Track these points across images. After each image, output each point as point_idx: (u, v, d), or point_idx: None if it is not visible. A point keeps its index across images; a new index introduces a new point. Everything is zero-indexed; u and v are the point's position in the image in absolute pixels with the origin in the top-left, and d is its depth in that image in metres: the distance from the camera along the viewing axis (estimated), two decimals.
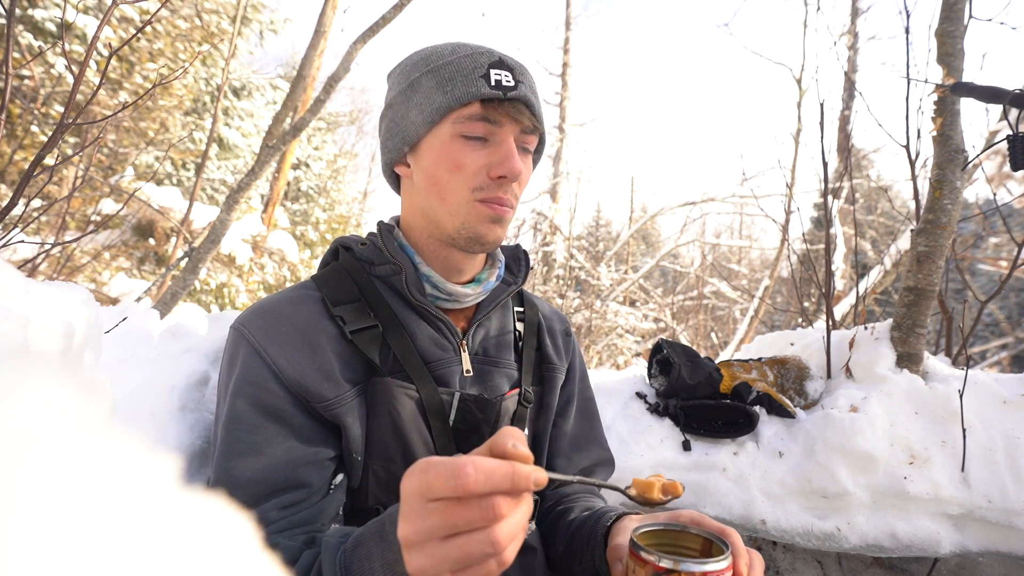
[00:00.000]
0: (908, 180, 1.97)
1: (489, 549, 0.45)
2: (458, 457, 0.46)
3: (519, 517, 0.48)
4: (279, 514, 0.68)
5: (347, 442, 0.74)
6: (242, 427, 0.71)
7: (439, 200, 0.78)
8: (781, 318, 7.20)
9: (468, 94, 0.74)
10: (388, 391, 0.76)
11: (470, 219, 0.77)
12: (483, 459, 0.46)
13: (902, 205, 9.02)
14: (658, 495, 0.55)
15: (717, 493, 1.36)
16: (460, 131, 0.75)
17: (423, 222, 0.82)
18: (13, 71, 3.10)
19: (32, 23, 5.59)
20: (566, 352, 0.99)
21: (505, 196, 0.77)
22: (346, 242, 0.87)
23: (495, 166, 0.75)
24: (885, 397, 1.43)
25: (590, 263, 8.06)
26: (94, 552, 0.16)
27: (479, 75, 0.75)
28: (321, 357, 0.74)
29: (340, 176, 15.63)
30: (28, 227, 2.13)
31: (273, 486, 0.69)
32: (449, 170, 0.76)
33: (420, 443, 0.77)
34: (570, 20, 12.64)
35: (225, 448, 0.71)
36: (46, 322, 0.48)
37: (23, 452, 0.16)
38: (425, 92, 0.77)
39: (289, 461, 0.70)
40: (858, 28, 7.58)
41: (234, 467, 0.69)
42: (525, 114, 0.77)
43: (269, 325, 0.75)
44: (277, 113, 3.28)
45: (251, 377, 0.73)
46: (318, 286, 0.82)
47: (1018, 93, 1.00)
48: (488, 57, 0.77)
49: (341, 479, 0.75)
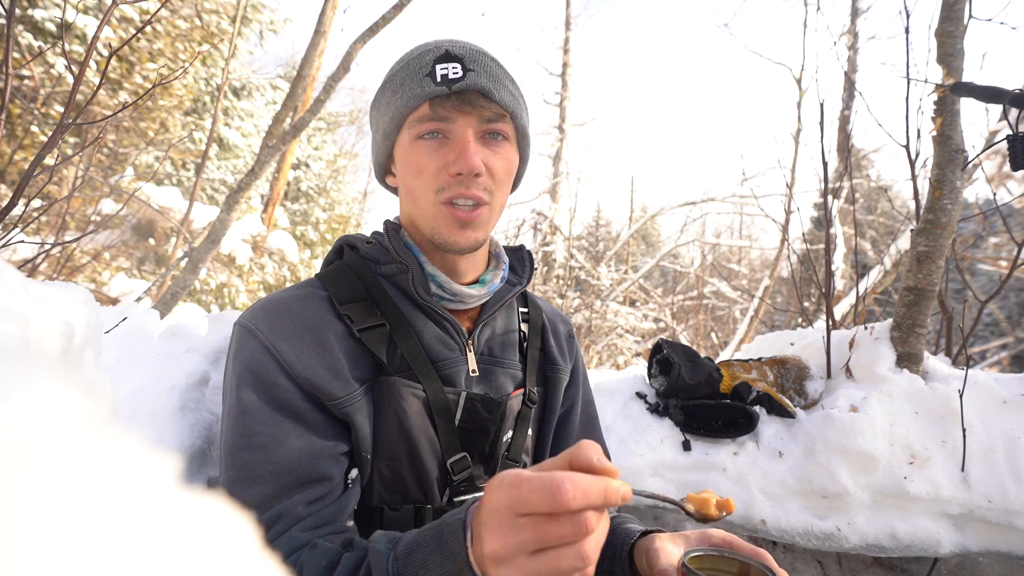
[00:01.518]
0: (908, 180, 1.97)
1: (579, 563, 0.46)
2: (553, 473, 0.46)
3: (603, 530, 0.48)
4: (307, 509, 0.67)
5: (356, 440, 0.74)
6: (256, 420, 0.70)
7: (413, 206, 0.79)
8: (781, 318, 7.20)
9: (415, 96, 0.74)
10: (395, 390, 0.75)
11: (437, 224, 0.77)
12: (579, 476, 0.46)
13: (902, 205, 9.01)
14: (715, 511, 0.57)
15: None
16: (415, 134, 0.76)
17: (412, 228, 0.84)
18: (13, 71, 3.10)
19: (32, 23, 5.59)
20: (569, 354, 0.99)
21: (469, 191, 0.75)
22: (351, 240, 0.87)
23: (452, 164, 0.75)
24: (885, 397, 1.43)
25: (590, 263, 8.06)
26: (95, 552, 0.16)
27: (424, 74, 0.74)
28: (330, 355, 0.74)
29: (340, 176, 15.63)
30: (28, 227, 2.13)
31: (296, 479, 0.68)
32: (413, 175, 0.77)
33: (426, 442, 0.77)
34: (570, 20, 12.63)
35: (239, 442, 0.70)
36: (46, 322, 0.48)
37: (23, 452, 0.16)
38: (384, 103, 0.79)
39: (310, 454, 0.69)
40: (858, 28, 7.58)
41: (251, 462, 0.68)
42: (478, 103, 0.74)
43: (277, 321, 0.75)
44: (277, 113, 3.28)
45: (261, 372, 0.72)
46: (323, 284, 0.81)
47: (1018, 93, 1.00)
48: (434, 52, 0.75)
49: (356, 475, 0.75)
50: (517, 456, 0.86)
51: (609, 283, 7.95)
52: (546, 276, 7.73)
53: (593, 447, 0.49)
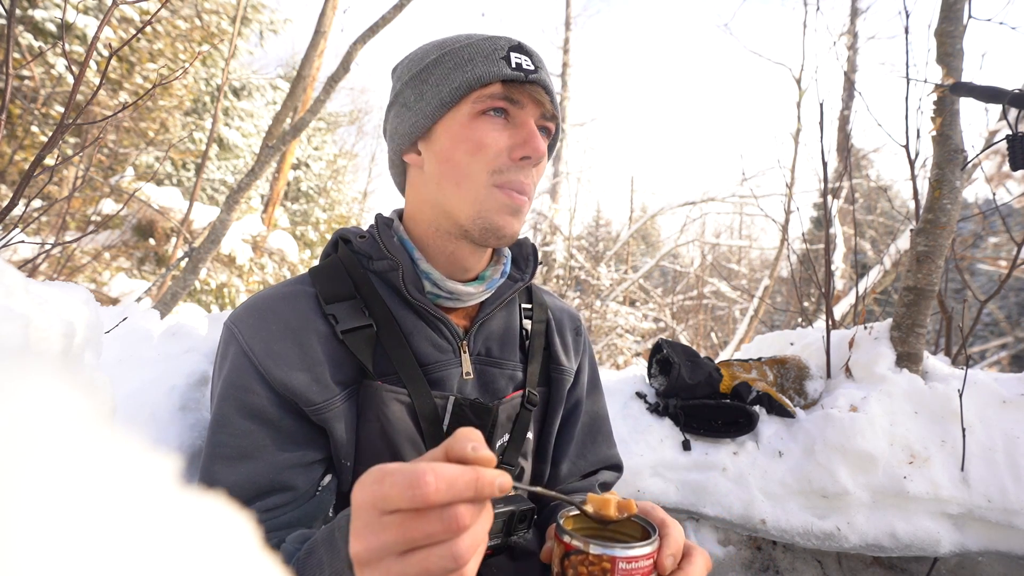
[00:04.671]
0: (908, 180, 1.97)
1: (451, 564, 0.42)
2: (416, 463, 0.42)
3: (482, 527, 0.44)
4: (261, 516, 0.67)
5: (335, 447, 0.72)
6: (227, 431, 0.69)
7: (454, 186, 0.74)
8: (781, 318, 7.20)
9: (490, 73, 0.72)
10: (377, 396, 0.73)
11: (487, 208, 0.73)
12: (444, 465, 0.42)
13: (901, 205, 9.02)
14: (614, 512, 0.55)
15: (717, 493, 1.36)
16: (480, 108, 0.72)
17: (432, 214, 0.78)
18: (13, 71, 3.10)
19: (32, 23, 5.59)
20: (576, 351, 0.95)
21: (525, 181, 0.74)
22: (346, 234, 0.84)
23: (517, 147, 0.72)
24: (885, 397, 1.43)
25: (590, 263, 8.06)
26: (95, 552, 0.16)
27: (499, 56, 0.73)
28: (311, 358, 0.72)
29: (340, 176, 15.63)
30: (28, 227, 2.13)
31: (258, 490, 0.68)
32: (468, 151, 0.72)
33: (411, 449, 0.74)
34: (570, 20, 12.65)
35: (210, 452, 0.70)
36: (46, 322, 0.48)
37: (23, 453, 0.17)
38: (442, 73, 0.74)
39: (274, 464, 0.69)
40: (857, 28, 7.59)
41: (217, 472, 0.68)
42: (545, 99, 0.75)
43: (259, 323, 0.73)
44: (277, 113, 3.28)
45: (237, 379, 0.71)
46: (313, 281, 0.79)
47: (1017, 93, 1.01)
48: (508, 41, 0.75)
49: (330, 480, 0.73)
50: (513, 460, 0.83)
51: (609, 283, 7.96)
52: (546, 276, 7.73)
53: (472, 433, 0.45)
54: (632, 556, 0.49)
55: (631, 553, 0.49)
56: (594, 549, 0.49)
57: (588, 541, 0.50)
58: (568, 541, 0.51)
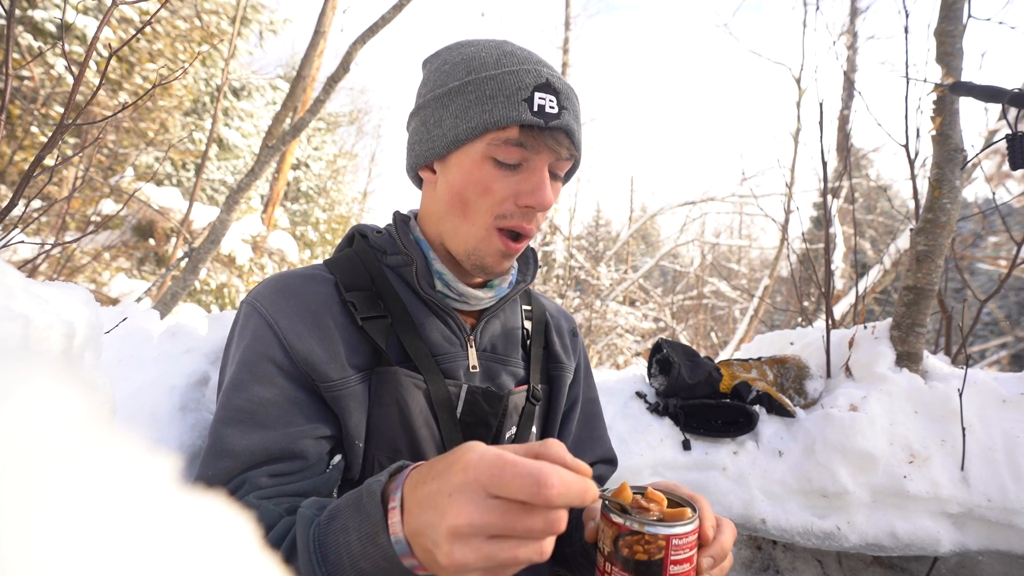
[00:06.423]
0: (907, 179, 1.97)
1: (537, 559, 0.44)
2: (541, 464, 0.44)
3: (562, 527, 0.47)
4: (269, 480, 0.67)
5: (347, 428, 0.73)
6: (242, 396, 0.70)
7: (460, 218, 0.77)
8: (781, 317, 7.20)
9: (507, 118, 0.71)
10: (396, 380, 0.75)
11: (482, 249, 0.77)
12: (566, 472, 0.44)
13: (901, 204, 9.02)
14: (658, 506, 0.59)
15: (717, 492, 1.36)
16: (493, 154, 0.73)
17: (438, 229, 0.81)
18: (13, 72, 3.09)
19: (32, 24, 5.59)
20: (573, 351, 0.99)
21: (528, 226, 0.76)
22: (363, 229, 0.87)
23: (524, 195, 0.74)
24: (885, 396, 1.43)
25: (590, 263, 8.06)
26: (96, 552, 0.16)
27: (522, 97, 0.72)
28: (329, 339, 0.74)
29: (340, 176, 15.63)
30: (28, 227, 2.13)
31: (268, 455, 0.68)
32: (477, 193, 0.74)
33: (427, 434, 0.77)
34: (570, 20, 12.63)
35: (224, 415, 0.70)
36: (46, 322, 0.48)
37: (24, 453, 0.17)
38: (462, 104, 0.74)
39: (287, 433, 0.69)
40: (857, 28, 7.58)
41: (229, 435, 0.69)
42: (564, 144, 0.74)
43: (282, 300, 0.76)
44: (277, 113, 3.28)
45: (260, 347, 0.72)
46: (330, 270, 0.81)
47: (1017, 92, 1.01)
48: (535, 78, 0.73)
49: (339, 460, 0.74)
50: None
51: (609, 283, 7.96)
52: (546, 276, 7.73)
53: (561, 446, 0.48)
54: (683, 533, 0.56)
55: (682, 530, 0.56)
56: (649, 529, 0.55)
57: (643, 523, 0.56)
58: (622, 523, 0.56)
